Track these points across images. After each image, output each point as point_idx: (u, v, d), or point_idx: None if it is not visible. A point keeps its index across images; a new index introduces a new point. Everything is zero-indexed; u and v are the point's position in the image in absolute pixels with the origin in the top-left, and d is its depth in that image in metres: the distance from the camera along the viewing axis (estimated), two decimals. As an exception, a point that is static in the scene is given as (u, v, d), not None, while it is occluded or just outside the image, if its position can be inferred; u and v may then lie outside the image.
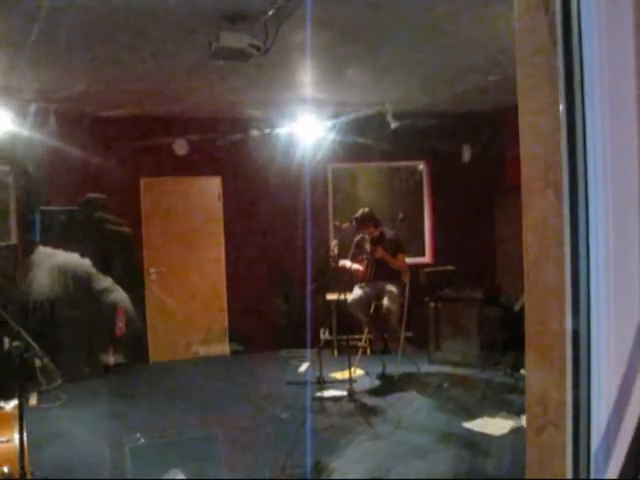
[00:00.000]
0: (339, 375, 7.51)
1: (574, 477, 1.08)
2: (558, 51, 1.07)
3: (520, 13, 1.22)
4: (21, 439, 3.28)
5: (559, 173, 1.10)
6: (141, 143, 8.33)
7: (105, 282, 3.32)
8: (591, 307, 1.07)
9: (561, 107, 1.07)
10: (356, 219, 7.92)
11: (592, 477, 1.06)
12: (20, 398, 3.27)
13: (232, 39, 4.86)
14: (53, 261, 3.36)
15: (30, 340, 3.30)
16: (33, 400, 6.58)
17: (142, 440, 5.81)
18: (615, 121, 1.05)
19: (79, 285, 3.39)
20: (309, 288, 8.30)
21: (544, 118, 1.15)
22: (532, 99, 1.21)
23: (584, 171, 1.05)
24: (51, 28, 4.86)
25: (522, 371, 6.75)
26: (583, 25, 1.06)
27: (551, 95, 1.11)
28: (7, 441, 3.65)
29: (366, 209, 7.95)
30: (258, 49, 4.96)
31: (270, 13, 4.64)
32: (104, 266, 3.32)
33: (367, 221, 7.85)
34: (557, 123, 1.09)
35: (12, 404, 5.39)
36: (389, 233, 8.05)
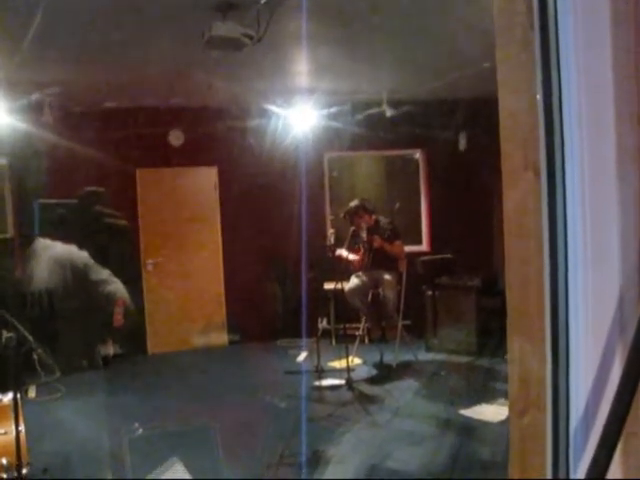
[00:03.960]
0: (337, 364, 7.53)
1: (553, 458, 1.09)
2: (535, 34, 1.08)
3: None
4: (17, 431, 3.29)
5: (538, 155, 1.11)
6: (136, 134, 8.31)
7: (103, 274, 3.32)
8: (569, 288, 1.08)
9: (538, 86, 1.08)
10: (348, 212, 7.93)
11: (570, 459, 1.06)
12: (15, 390, 3.28)
13: (225, 29, 4.86)
14: (51, 252, 3.36)
15: (25, 332, 3.32)
16: (32, 392, 6.60)
17: (141, 430, 5.84)
18: (591, 102, 1.05)
19: (77, 277, 3.39)
20: (306, 277, 8.31)
21: (522, 102, 1.16)
22: (510, 83, 1.21)
23: (561, 152, 1.06)
24: (45, 20, 4.84)
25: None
26: (559, 8, 1.06)
27: (528, 78, 1.12)
28: (5, 433, 3.66)
29: (356, 201, 7.96)
30: (251, 38, 4.95)
31: (262, 1, 4.63)
32: (102, 258, 3.32)
33: (360, 212, 7.86)
34: (534, 106, 1.10)
35: (10, 397, 5.39)
36: (384, 221, 8.05)
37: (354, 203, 7.96)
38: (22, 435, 3.38)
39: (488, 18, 1.33)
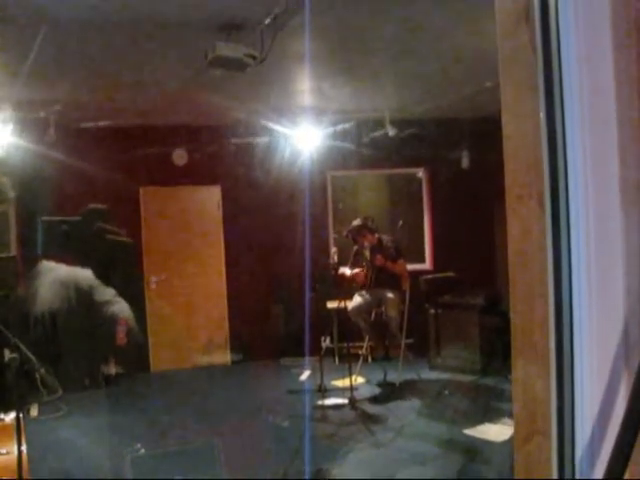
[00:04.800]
0: (340, 383, 7.50)
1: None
2: (538, 59, 1.08)
3: (501, 21, 1.23)
4: (19, 451, 3.28)
5: (542, 182, 1.11)
6: (140, 153, 8.34)
7: (107, 294, 3.30)
8: (573, 314, 1.08)
9: (541, 115, 1.08)
10: (351, 231, 7.93)
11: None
12: (18, 410, 3.27)
13: (228, 49, 4.88)
14: (55, 274, 3.35)
15: (28, 352, 3.30)
16: (34, 411, 6.56)
17: (143, 450, 5.81)
18: (594, 128, 1.05)
19: (81, 298, 3.38)
20: (309, 295, 8.29)
21: (526, 127, 1.16)
22: (513, 108, 1.21)
23: (565, 179, 1.06)
24: (49, 40, 4.87)
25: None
26: (562, 33, 1.06)
27: (532, 104, 1.12)
28: (7, 453, 3.65)
29: (359, 220, 7.96)
30: (254, 58, 4.97)
31: (266, 22, 4.66)
32: (104, 275, 3.31)
33: (363, 231, 7.86)
34: (538, 132, 1.10)
35: (12, 416, 5.37)
36: (387, 239, 8.05)
37: (357, 222, 7.96)
38: (24, 455, 3.36)
39: (491, 39, 1.33)
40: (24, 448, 3.44)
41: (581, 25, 1.04)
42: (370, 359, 8.62)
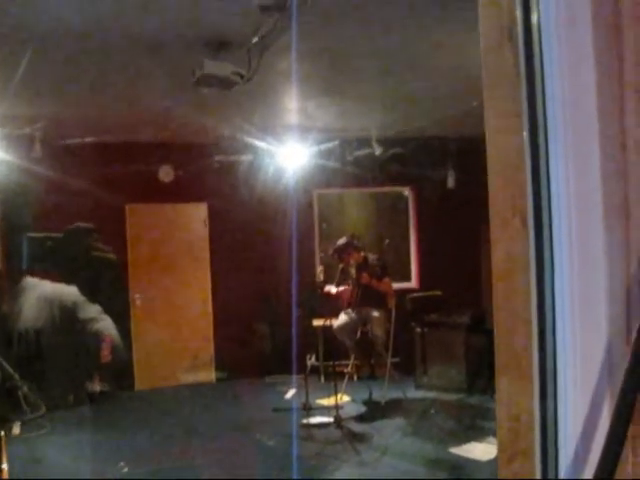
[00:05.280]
0: (326, 401, 7.47)
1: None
2: (520, 77, 1.08)
3: (485, 39, 1.24)
4: None
5: (525, 201, 1.11)
6: (126, 169, 8.32)
7: (92, 312, 3.28)
8: (557, 333, 1.07)
9: (524, 134, 1.08)
10: (337, 249, 7.93)
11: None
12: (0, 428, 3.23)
13: (215, 67, 4.88)
14: (40, 291, 3.33)
15: (10, 369, 3.27)
16: (16, 429, 6.50)
17: (126, 469, 5.76)
18: (577, 147, 1.06)
19: (65, 315, 3.35)
20: (295, 314, 8.27)
21: (509, 146, 1.16)
22: (497, 127, 1.22)
23: (548, 198, 1.06)
24: (36, 57, 4.86)
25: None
26: (545, 51, 1.07)
27: (515, 122, 1.12)
28: (-12, 472, 3.60)
29: (344, 238, 7.97)
30: (242, 77, 4.98)
31: (253, 41, 4.66)
32: (90, 293, 3.29)
33: (349, 249, 7.86)
34: (522, 151, 1.10)
35: (-6, 433, 5.31)
36: (373, 257, 8.05)
37: (342, 240, 7.96)
38: (4, 473, 3.32)
39: (477, 57, 1.34)
40: (5, 466, 3.40)
41: (564, 43, 1.05)
42: (356, 377, 8.60)
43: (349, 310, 7.91)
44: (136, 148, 8.66)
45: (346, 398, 7.79)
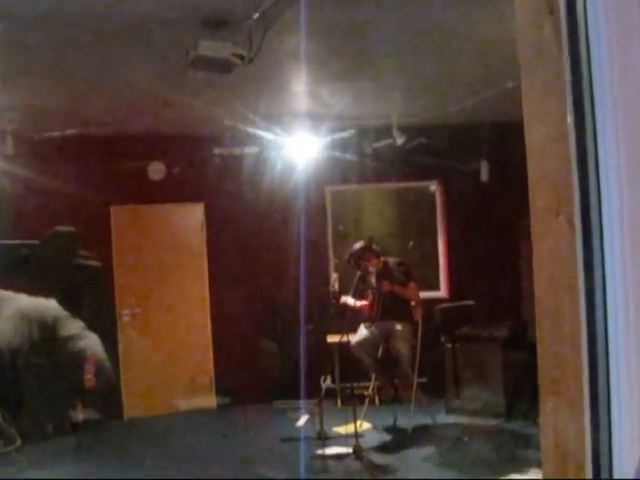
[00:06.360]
0: (343, 429, 7.46)
1: None
2: (563, 54, 1.08)
3: (522, 13, 1.24)
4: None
5: (571, 196, 1.10)
6: (111, 166, 8.35)
7: (74, 328, 3.28)
8: (609, 344, 1.07)
9: (569, 119, 1.08)
10: (353, 255, 7.92)
11: None
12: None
13: (212, 48, 4.88)
14: (15, 306, 3.34)
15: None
16: (-13, 464, 6.51)
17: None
18: (631, 132, 1.05)
19: (45, 333, 3.36)
20: (306, 329, 8.27)
21: (551, 132, 1.16)
22: (537, 111, 1.22)
23: (597, 192, 1.06)
24: (5, 39, 4.89)
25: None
26: (590, 24, 1.06)
27: (558, 105, 1.12)
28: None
29: (361, 242, 7.96)
30: (242, 58, 4.98)
31: (255, 17, 4.67)
32: (72, 307, 3.30)
33: (367, 254, 7.86)
34: (566, 138, 1.10)
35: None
36: (394, 262, 8.04)
37: (359, 244, 7.96)
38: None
39: (513, 33, 1.34)
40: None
41: (611, 14, 1.04)
42: (377, 401, 8.59)
43: (369, 324, 7.91)
44: (122, 142, 8.69)
45: (367, 425, 7.78)
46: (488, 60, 6.16)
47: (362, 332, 7.89)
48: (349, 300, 8.05)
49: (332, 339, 8.32)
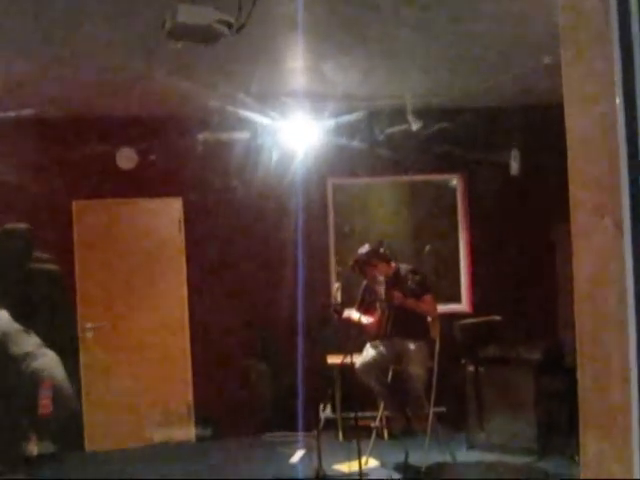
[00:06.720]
0: (345, 467, 7.47)
1: None
2: (611, 26, 1.08)
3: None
4: None
5: (619, 194, 1.10)
6: (72, 153, 8.34)
7: (27, 345, 3.27)
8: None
9: (617, 100, 1.08)
10: (358, 261, 7.90)
11: None
12: None
13: (194, 14, 4.87)
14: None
15: None
16: None
17: None
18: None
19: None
20: (302, 348, 8.28)
21: (596, 117, 1.16)
22: (579, 92, 1.21)
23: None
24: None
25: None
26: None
27: (604, 86, 1.12)
28: None
29: (367, 246, 7.95)
30: (230, 26, 4.98)
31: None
32: (26, 319, 3.29)
33: (374, 260, 7.85)
34: (614, 123, 1.10)
35: None
36: (407, 269, 8.03)
37: (366, 248, 7.94)
38: None
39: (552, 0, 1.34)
40: None
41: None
42: (386, 434, 8.59)
43: (376, 342, 7.91)
44: (87, 124, 8.68)
45: (373, 462, 7.79)
46: (520, 31, 6.16)
47: (369, 352, 7.89)
48: (353, 314, 8.05)
49: (333, 360, 8.32)
